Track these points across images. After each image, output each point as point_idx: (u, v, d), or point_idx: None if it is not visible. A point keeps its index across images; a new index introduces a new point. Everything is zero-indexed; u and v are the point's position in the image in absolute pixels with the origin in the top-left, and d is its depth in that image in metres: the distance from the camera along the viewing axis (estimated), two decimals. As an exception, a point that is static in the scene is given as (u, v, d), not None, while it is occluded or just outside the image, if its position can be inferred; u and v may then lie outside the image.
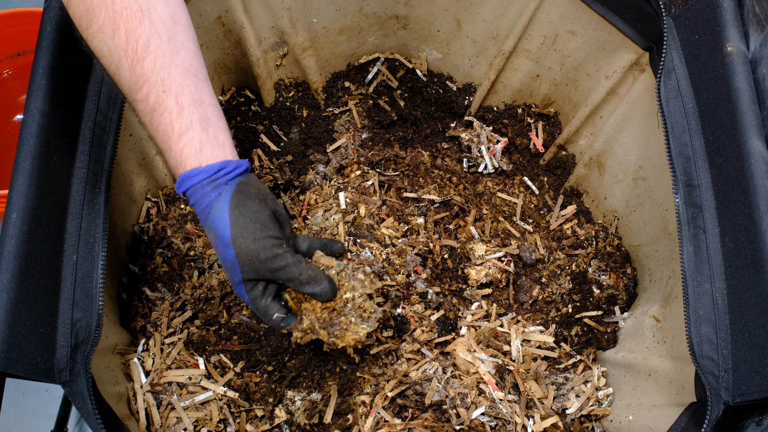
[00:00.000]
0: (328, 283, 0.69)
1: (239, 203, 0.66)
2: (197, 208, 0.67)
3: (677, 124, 0.79)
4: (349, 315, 0.71)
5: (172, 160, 0.67)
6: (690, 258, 0.74)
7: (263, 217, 0.67)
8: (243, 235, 0.65)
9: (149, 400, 0.82)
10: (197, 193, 0.66)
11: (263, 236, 0.66)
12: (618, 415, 0.88)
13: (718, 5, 0.79)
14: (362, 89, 1.15)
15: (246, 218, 0.65)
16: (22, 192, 0.66)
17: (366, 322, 0.71)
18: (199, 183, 0.66)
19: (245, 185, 0.67)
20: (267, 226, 0.66)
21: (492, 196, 1.12)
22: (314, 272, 0.69)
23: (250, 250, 0.65)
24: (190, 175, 0.66)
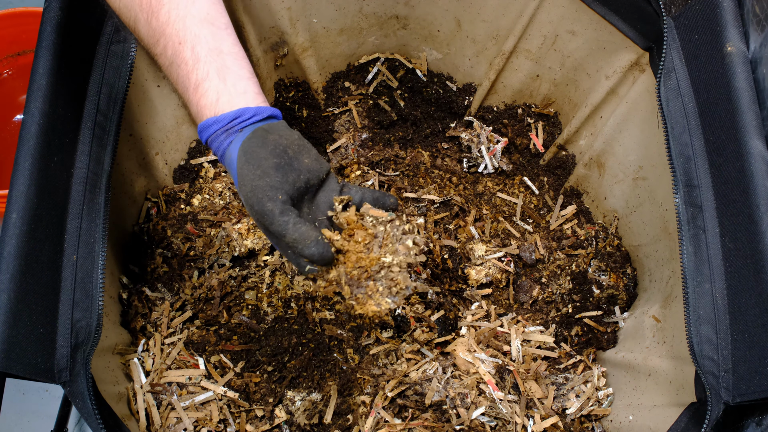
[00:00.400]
0: (316, 249, 0.63)
1: (248, 149, 0.63)
2: (218, 156, 0.67)
3: (677, 124, 0.79)
4: (379, 282, 0.66)
5: (192, 112, 0.66)
6: (690, 258, 0.74)
7: (267, 164, 0.63)
8: (244, 182, 0.63)
9: (149, 401, 0.82)
10: (214, 143, 0.65)
11: (259, 185, 0.62)
12: (618, 415, 0.88)
13: (718, 5, 0.79)
14: (362, 89, 1.15)
15: (250, 165, 0.62)
16: (22, 192, 0.66)
17: (392, 296, 0.66)
18: (214, 133, 0.64)
19: (264, 131, 0.64)
20: (267, 174, 0.62)
21: (492, 196, 1.12)
22: (301, 234, 0.62)
23: (248, 199, 0.63)
24: (206, 125, 0.64)
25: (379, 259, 0.66)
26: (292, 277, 0.95)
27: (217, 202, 1.01)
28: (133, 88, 0.90)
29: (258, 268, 0.96)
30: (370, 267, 0.65)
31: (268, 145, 0.63)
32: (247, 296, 0.93)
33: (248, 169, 0.62)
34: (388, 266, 0.66)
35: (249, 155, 0.63)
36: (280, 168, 0.63)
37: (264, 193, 0.62)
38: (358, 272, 0.65)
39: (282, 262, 0.96)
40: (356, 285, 0.65)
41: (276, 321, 0.90)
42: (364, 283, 0.66)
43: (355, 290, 0.65)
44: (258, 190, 0.62)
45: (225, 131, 0.64)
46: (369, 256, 0.67)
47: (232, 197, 1.03)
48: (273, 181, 0.62)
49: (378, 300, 0.66)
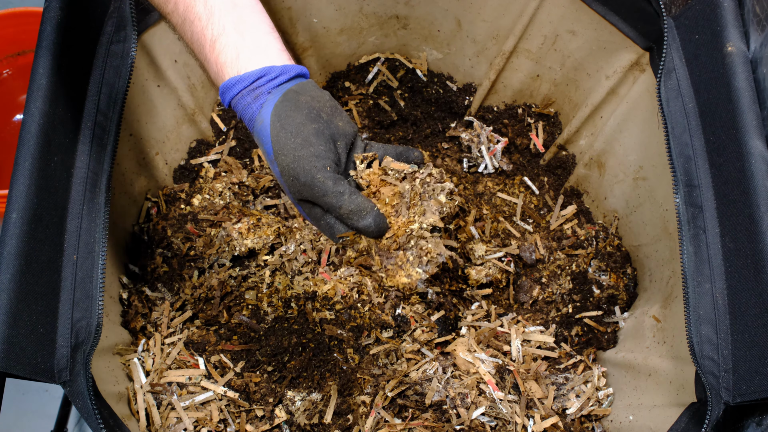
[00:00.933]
0: (373, 220, 0.60)
1: (282, 115, 0.58)
2: (244, 121, 0.62)
3: (677, 124, 0.79)
4: (409, 251, 0.61)
5: (211, 72, 0.61)
6: (690, 258, 0.74)
7: (307, 131, 0.58)
8: (283, 151, 0.58)
9: (149, 400, 0.82)
10: (239, 105, 0.60)
11: (303, 155, 0.57)
12: (618, 416, 0.88)
13: (719, 5, 0.79)
14: (362, 89, 1.15)
15: (287, 132, 0.58)
16: (22, 192, 0.66)
17: (423, 265, 0.62)
18: (238, 94, 0.59)
19: (295, 93, 0.59)
20: (309, 142, 0.58)
21: (492, 196, 1.12)
22: (358, 205, 0.59)
23: (290, 170, 0.58)
24: (228, 86, 0.59)
25: (407, 226, 0.60)
26: (292, 277, 0.95)
27: (217, 202, 1.01)
28: (134, 88, 0.90)
29: (258, 268, 0.96)
30: (398, 236, 0.60)
31: (302, 109, 0.59)
32: (247, 296, 0.93)
33: (286, 137, 0.58)
34: (418, 234, 0.61)
35: (284, 121, 0.58)
36: (320, 134, 0.59)
37: (311, 164, 0.57)
38: (387, 242, 0.61)
39: (282, 261, 0.96)
40: (386, 255, 0.61)
41: (276, 321, 0.90)
42: (394, 253, 0.61)
43: (385, 260, 0.61)
44: (303, 161, 0.57)
45: (251, 91, 0.58)
46: (398, 221, 0.61)
47: (232, 197, 1.03)
48: (317, 150, 0.58)
49: (408, 270, 0.62)
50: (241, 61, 0.59)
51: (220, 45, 0.59)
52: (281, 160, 0.58)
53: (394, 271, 0.62)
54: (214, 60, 0.60)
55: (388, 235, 0.61)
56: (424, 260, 0.62)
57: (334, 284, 0.92)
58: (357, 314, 0.91)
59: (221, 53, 0.59)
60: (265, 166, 1.07)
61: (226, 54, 0.59)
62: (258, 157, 1.08)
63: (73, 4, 0.76)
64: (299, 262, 0.96)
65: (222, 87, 0.60)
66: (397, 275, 0.62)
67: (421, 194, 0.61)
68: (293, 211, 1.03)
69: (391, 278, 0.62)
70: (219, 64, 0.59)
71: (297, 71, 0.61)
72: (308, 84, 0.61)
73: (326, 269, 0.95)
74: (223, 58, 0.59)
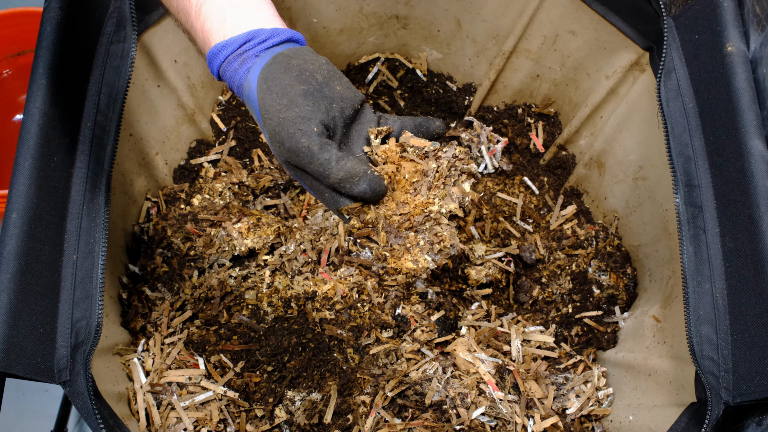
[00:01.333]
0: (368, 185, 0.54)
1: (269, 77, 0.54)
2: (233, 90, 0.57)
3: (677, 124, 0.79)
4: (421, 234, 0.56)
5: (198, 41, 0.57)
6: (690, 258, 0.74)
7: (294, 91, 0.53)
8: (268, 114, 0.53)
9: (149, 400, 0.82)
10: (227, 72, 0.56)
11: (287, 117, 0.53)
12: (618, 415, 0.88)
13: (719, 5, 0.79)
14: (362, 89, 1.15)
15: (273, 93, 0.53)
16: (22, 192, 0.66)
17: (434, 253, 0.57)
18: (225, 60, 0.55)
19: (286, 56, 0.55)
20: (295, 103, 0.53)
21: (492, 196, 1.12)
22: (348, 171, 0.53)
23: (275, 134, 0.54)
24: (214, 52, 0.55)
25: (426, 206, 0.56)
26: (292, 277, 0.95)
27: (217, 202, 1.01)
28: (133, 87, 0.90)
29: (258, 268, 0.96)
30: (414, 215, 0.56)
31: (293, 71, 0.54)
32: (247, 296, 0.93)
33: (271, 99, 0.53)
34: (436, 218, 0.56)
35: (271, 82, 0.53)
36: (309, 95, 0.54)
37: (295, 127, 0.53)
38: (399, 219, 0.56)
39: (282, 261, 0.96)
40: (395, 233, 0.56)
41: (276, 321, 0.90)
42: (404, 233, 0.56)
43: (393, 239, 0.56)
44: (287, 123, 0.53)
45: (238, 56, 0.55)
46: (415, 199, 0.56)
47: (232, 197, 1.03)
48: (303, 111, 0.53)
49: (416, 255, 0.56)
50: (227, 26, 0.55)
51: (206, 10, 0.55)
52: (267, 124, 0.54)
53: (400, 252, 0.56)
54: (200, 27, 0.56)
55: (404, 211, 0.56)
56: (435, 248, 0.56)
57: (334, 284, 0.92)
58: (357, 314, 0.91)
59: (207, 19, 0.55)
60: (265, 166, 1.07)
61: (212, 20, 0.55)
62: (258, 157, 1.08)
63: (73, 4, 0.76)
64: (299, 262, 0.96)
65: (208, 55, 0.56)
66: (403, 258, 0.56)
67: (446, 177, 0.57)
68: (293, 211, 1.03)
69: (395, 259, 0.56)
70: (205, 31, 0.56)
71: (289, 35, 0.56)
72: (303, 49, 0.56)
73: (326, 269, 0.95)
74: (209, 24, 0.55)
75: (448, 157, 0.58)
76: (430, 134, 0.61)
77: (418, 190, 0.57)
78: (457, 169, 0.58)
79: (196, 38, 0.57)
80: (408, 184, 0.58)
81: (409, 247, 0.56)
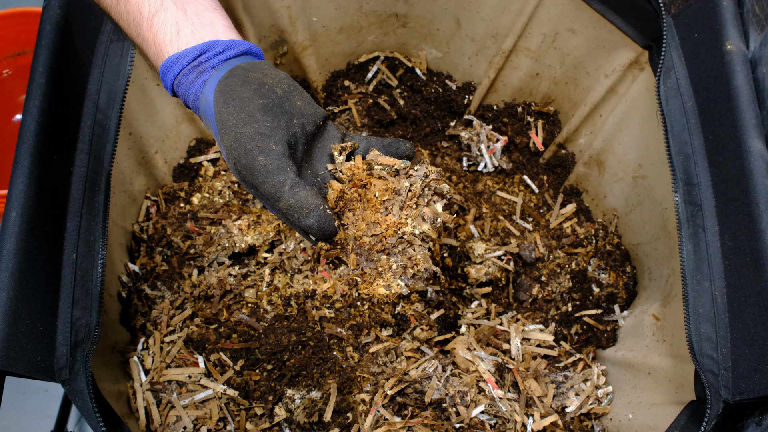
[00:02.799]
0: (316, 221, 0.51)
1: (226, 90, 0.51)
2: (189, 104, 0.54)
3: (677, 123, 0.79)
4: (393, 258, 0.53)
5: (150, 54, 0.54)
6: (689, 256, 0.74)
7: (252, 105, 0.50)
8: (225, 129, 0.50)
9: (149, 399, 0.82)
10: (181, 86, 0.53)
11: (245, 132, 0.50)
12: (618, 414, 0.88)
13: (718, 4, 0.79)
14: (362, 88, 1.15)
15: (230, 107, 0.50)
16: (21, 190, 0.66)
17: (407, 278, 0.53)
18: (180, 73, 0.52)
19: (244, 70, 0.52)
20: (254, 118, 0.50)
21: (492, 195, 1.12)
22: (299, 200, 0.50)
23: (232, 150, 0.50)
24: (168, 65, 0.52)
25: (398, 227, 0.53)
26: (291, 275, 0.95)
27: (216, 200, 1.02)
28: (133, 86, 0.90)
29: (258, 266, 0.97)
30: (387, 236, 0.52)
31: (251, 84, 0.51)
32: (247, 294, 0.93)
33: (228, 113, 0.50)
34: (409, 239, 0.53)
35: (228, 96, 0.51)
36: (269, 110, 0.51)
37: (253, 143, 0.49)
38: (371, 240, 0.53)
39: (282, 259, 0.96)
40: (366, 256, 0.53)
41: (276, 319, 0.90)
42: (376, 255, 0.53)
43: (364, 263, 0.53)
44: (245, 139, 0.49)
45: (193, 69, 0.52)
46: (387, 219, 0.54)
47: (232, 196, 1.03)
48: (262, 127, 0.50)
49: (388, 281, 0.53)
50: (182, 37, 0.52)
51: (158, 21, 0.53)
52: (224, 140, 0.50)
53: (371, 277, 0.53)
54: (152, 39, 0.53)
55: (375, 231, 0.53)
56: (409, 272, 0.54)
57: (334, 282, 0.92)
58: (357, 312, 0.91)
59: (160, 30, 0.53)
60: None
61: (165, 31, 0.52)
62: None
63: (73, 4, 0.76)
64: (299, 261, 0.96)
65: (162, 68, 0.53)
66: (375, 283, 0.53)
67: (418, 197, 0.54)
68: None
69: (366, 285, 0.54)
70: (157, 42, 0.53)
71: (247, 47, 0.54)
72: (261, 63, 0.54)
73: (326, 268, 0.95)
74: (161, 36, 0.52)
75: (420, 175, 0.56)
76: (399, 156, 0.58)
77: (389, 210, 0.55)
78: (430, 189, 0.56)
79: (148, 51, 0.55)
80: (378, 203, 0.55)
81: (381, 271, 0.53)
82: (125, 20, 0.55)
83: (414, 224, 0.54)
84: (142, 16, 0.54)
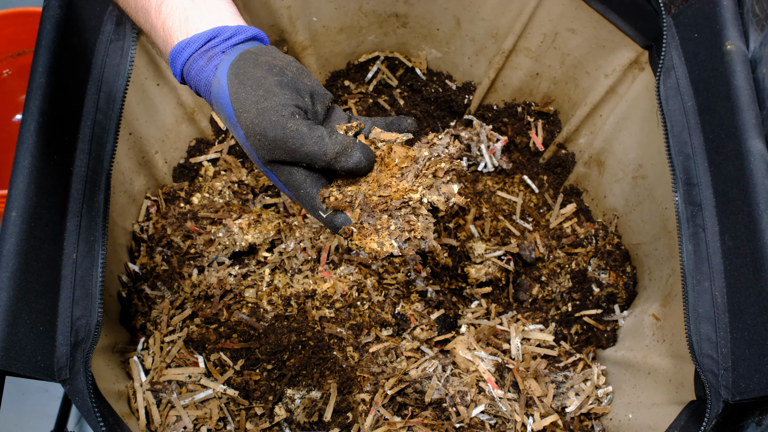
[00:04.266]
0: (362, 153, 0.54)
1: (239, 72, 0.53)
2: (198, 90, 0.55)
3: (677, 123, 0.79)
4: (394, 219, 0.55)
5: (159, 41, 0.55)
6: (689, 256, 0.74)
7: (269, 82, 0.52)
8: (244, 107, 0.52)
9: (149, 399, 0.82)
10: (192, 71, 0.54)
11: (267, 106, 0.51)
12: (618, 414, 0.88)
13: (718, 4, 0.79)
14: (362, 88, 1.15)
15: (246, 87, 0.52)
16: (21, 190, 0.66)
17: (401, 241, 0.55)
18: (190, 57, 0.54)
19: (252, 53, 0.54)
20: (273, 93, 0.52)
21: (492, 195, 1.12)
22: (341, 143, 0.52)
23: (255, 126, 0.52)
24: (178, 50, 0.54)
25: (407, 192, 0.55)
26: (291, 275, 0.95)
27: (217, 200, 1.02)
28: (133, 86, 0.90)
29: (258, 266, 0.97)
30: (393, 199, 0.54)
31: (262, 65, 0.53)
32: (247, 294, 0.93)
33: (246, 92, 0.52)
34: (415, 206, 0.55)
35: (242, 76, 0.52)
36: (285, 85, 0.53)
37: (278, 114, 0.51)
38: (378, 200, 0.55)
39: (282, 259, 0.96)
40: (368, 212, 0.55)
41: (276, 319, 0.90)
42: (378, 213, 0.55)
43: (365, 218, 0.55)
44: (269, 113, 0.51)
45: (203, 53, 0.53)
46: (399, 184, 0.55)
47: (232, 196, 1.03)
48: (282, 99, 0.52)
49: (382, 239, 0.54)
50: (190, 23, 0.54)
51: (166, 8, 0.54)
52: (244, 119, 0.52)
53: (368, 231, 0.54)
54: (160, 26, 0.54)
55: (384, 193, 0.55)
56: (404, 235, 0.55)
57: (334, 282, 0.92)
58: (357, 312, 0.91)
59: (168, 17, 0.54)
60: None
61: (173, 17, 0.54)
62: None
63: (73, 4, 0.76)
64: (299, 260, 0.96)
65: (171, 54, 0.54)
66: (367, 239, 0.54)
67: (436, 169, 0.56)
68: (293, 210, 1.03)
69: (360, 237, 0.54)
70: (166, 29, 0.54)
71: (254, 33, 0.56)
72: (269, 48, 0.56)
73: (326, 267, 0.95)
74: (170, 22, 0.54)
75: (443, 144, 0.57)
76: (400, 131, 0.60)
77: (405, 176, 0.56)
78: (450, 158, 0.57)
79: (157, 37, 0.56)
80: (396, 168, 0.57)
81: (378, 228, 0.55)
82: (133, 8, 0.56)
83: (424, 192, 0.55)
84: (150, 3, 0.55)
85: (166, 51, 0.56)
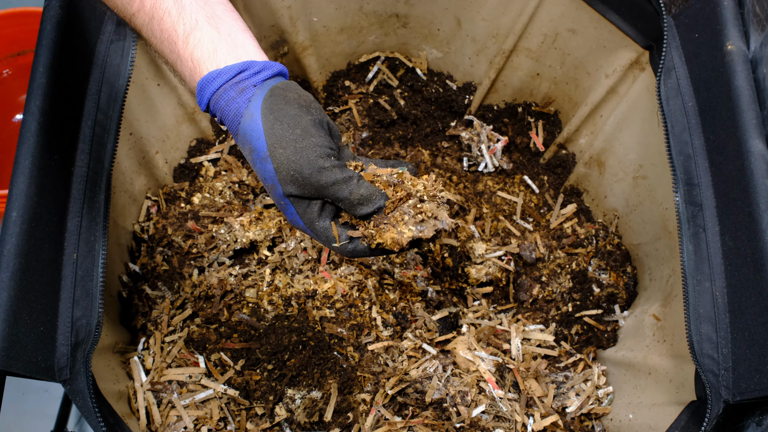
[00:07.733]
0: (382, 201, 0.58)
1: (274, 108, 0.55)
2: (225, 119, 0.57)
3: (677, 123, 0.79)
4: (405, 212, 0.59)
5: (185, 71, 0.57)
6: (690, 256, 0.74)
7: (305, 122, 0.56)
8: (281, 144, 0.55)
9: (149, 399, 0.82)
10: (221, 101, 0.56)
11: (306, 145, 0.55)
12: (618, 414, 0.88)
13: (719, 4, 0.79)
14: (362, 88, 1.15)
15: (283, 124, 0.55)
16: (22, 190, 0.66)
17: (419, 224, 0.58)
18: (220, 88, 0.56)
19: (281, 89, 0.57)
20: (310, 133, 0.55)
21: (492, 195, 1.12)
22: (368, 190, 0.57)
23: (291, 163, 0.55)
24: (208, 80, 0.56)
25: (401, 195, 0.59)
26: (292, 275, 0.95)
27: (217, 200, 1.02)
28: (134, 86, 0.90)
29: (258, 266, 0.97)
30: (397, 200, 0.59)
31: (292, 103, 0.56)
32: (248, 294, 0.93)
33: (283, 129, 0.55)
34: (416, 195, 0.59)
35: (278, 113, 0.55)
36: (318, 125, 0.57)
37: (315, 154, 0.55)
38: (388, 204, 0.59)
39: (282, 259, 0.96)
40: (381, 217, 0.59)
41: (276, 319, 0.90)
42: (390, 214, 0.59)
43: (379, 219, 0.59)
44: (307, 151, 0.54)
45: (234, 85, 0.56)
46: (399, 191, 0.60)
47: (232, 196, 1.03)
48: (319, 141, 0.55)
49: (401, 228, 0.58)
50: (219, 55, 0.56)
51: (194, 39, 0.56)
52: (279, 154, 0.55)
53: (384, 228, 0.58)
54: (188, 56, 0.56)
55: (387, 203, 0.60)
56: (419, 218, 0.58)
57: (335, 282, 0.92)
58: (357, 312, 0.91)
59: (196, 48, 0.56)
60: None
61: (201, 48, 0.56)
62: (258, 156, 1.08)
63: (73, 4, 0.76)
64: (299, 260, 0.96)
65: (200, 83, 0.56)
66: (387, 232, 0.58)
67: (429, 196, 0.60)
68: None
69: (380, 234, 0.58)
70: (195, 59, 0.56)
71: (279, 69, 0.59)
72: (292, 83, 0.59)
73: (326, 267, 0.95)
74: (198, 53, 0.56)
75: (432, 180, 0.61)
76: None
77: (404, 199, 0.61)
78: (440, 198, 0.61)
79: (183, 67, 0.57)
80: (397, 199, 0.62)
81: (394, 224, 0.58)
82: (158, 38, 0.58)
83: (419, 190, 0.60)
84: (177, 35, 0.56)
85: (194, 80, 0.57)
